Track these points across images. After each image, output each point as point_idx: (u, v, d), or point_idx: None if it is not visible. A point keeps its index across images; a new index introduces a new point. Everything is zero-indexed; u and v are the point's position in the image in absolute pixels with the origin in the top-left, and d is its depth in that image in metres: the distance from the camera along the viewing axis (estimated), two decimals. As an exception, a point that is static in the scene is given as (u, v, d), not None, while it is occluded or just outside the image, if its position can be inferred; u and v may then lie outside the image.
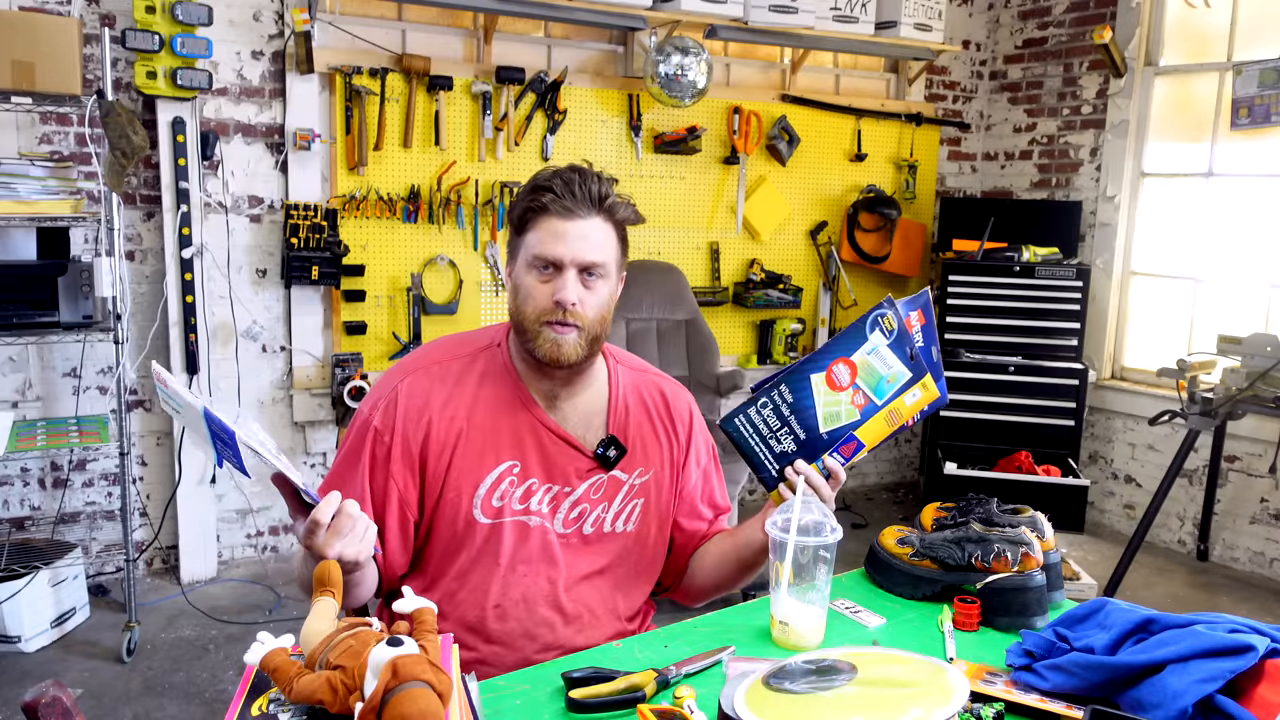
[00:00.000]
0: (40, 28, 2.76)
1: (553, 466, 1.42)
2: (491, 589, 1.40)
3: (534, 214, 1.36)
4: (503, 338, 1.47)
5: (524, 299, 1.37)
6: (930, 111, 4.79)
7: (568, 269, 1.35)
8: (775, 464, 1.39)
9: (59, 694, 0.87)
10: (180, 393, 1.15)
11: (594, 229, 1.36)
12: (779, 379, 1.38)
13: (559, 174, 1.37)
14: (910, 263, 4.76)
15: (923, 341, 1.38)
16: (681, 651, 1.26)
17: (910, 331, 1.36)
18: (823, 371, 1.36)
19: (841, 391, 1.36)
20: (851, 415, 1.37)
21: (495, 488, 1.40)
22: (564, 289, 1.34)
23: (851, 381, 1.36)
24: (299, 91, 3.49)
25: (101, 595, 3.32)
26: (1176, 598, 3.73)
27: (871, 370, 1.35)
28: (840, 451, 1.37)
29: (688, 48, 3.76)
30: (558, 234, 1.35)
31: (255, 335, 3.57)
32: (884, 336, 1.34)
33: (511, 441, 1.41)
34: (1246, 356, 3.33)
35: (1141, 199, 4.45)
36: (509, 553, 1.41)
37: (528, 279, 1.37)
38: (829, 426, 1.37)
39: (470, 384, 1.42)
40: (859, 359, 1.35)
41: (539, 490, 1.42)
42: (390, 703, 0.83)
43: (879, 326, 1.34)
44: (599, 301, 1.38)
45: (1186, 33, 4.28)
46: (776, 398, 1.38)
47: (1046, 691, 1.13)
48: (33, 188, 2.80)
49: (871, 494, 4.95)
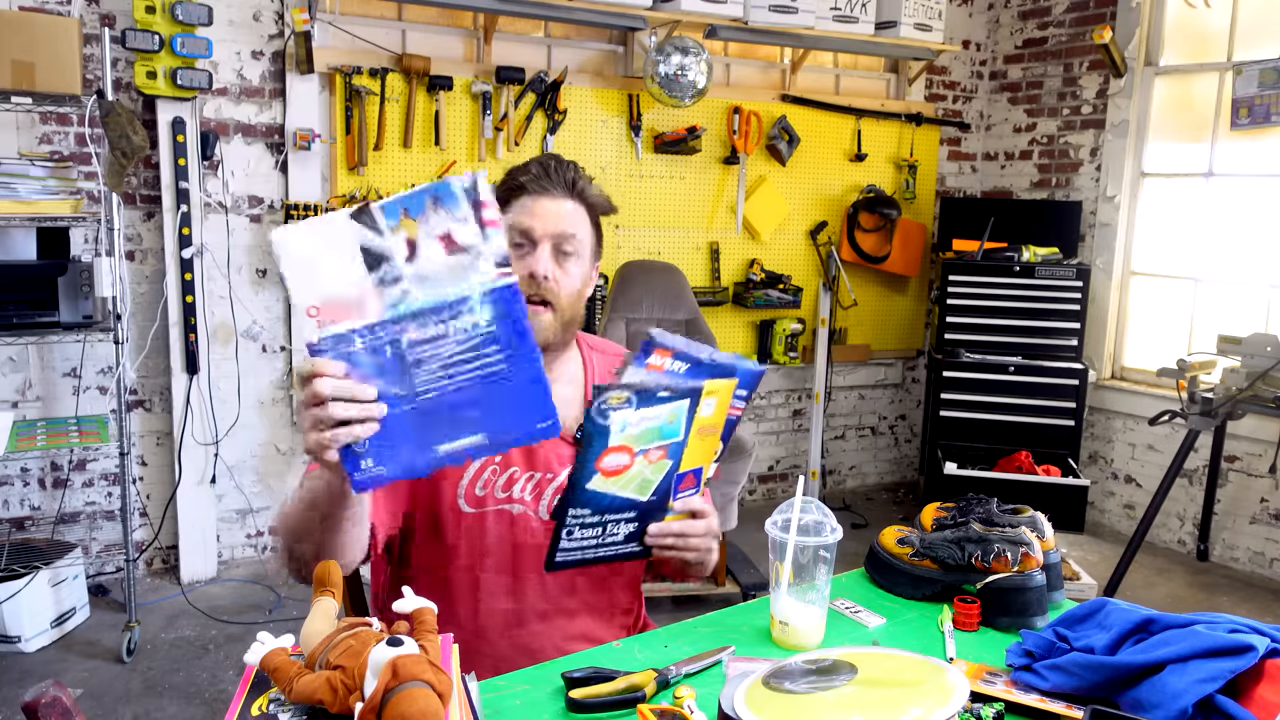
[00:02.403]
0: (40, 28, 2.76)
1: (534, 454, 1.44)
2: (480, 577, 1.42)
3: (511, 194, 1.42)
4: None
5: None
6: (930, 111, 4.79)
7: (541, 243, 1.39)
8: (634, 544, 1.25)
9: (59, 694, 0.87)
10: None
11: (567, 208, 1.41)
12: (565, 504, 1.17)
13: (534, 160, 1.43)
14: (910, 263, 4.76)
15: (684, 365, 1.19)
16: (681, 651, 1.26)
17: (657, 372, 1.16)
18: (594, 475, 1.15)
19: (630, 468, 1.16)
20: (661, 469, 1.18)
21: (478, 477, 1.41)
22: (537, 262, 1.37)
23: (633, 457, 1.15)
24: (299, 91, 3.49)
25: (101, 595, 3.32)
26: (1176, 598, 3.73)
27: (644, 433, 1.14)
28: (681, 490, 1.23)
29: (688, 48, 3.76)
30: (531, 210, 1.40)
31: (255, 335, 3.57)
32: (629, 408, 1.12)
33: None
34: (1246, 356, 3.33)
35: (1141, 199, 4.45)
36: (493, 541, 1.42)
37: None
38: (647, 494, 1.19)
39: None
40: (620, 442, 1.13)
41: (521, 478, 1.43)
42: (390, 703, 0.83)
43: (611, 411, 1.11)
44: (572, 282, 1.41)
45: (1186, 33, 4.28)
46: (577, 518, 1.18)
47: (1046, 691, 1.13)
48: (33, 188, 2.80)
49: (871, 494, 4.95)
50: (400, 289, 0.97)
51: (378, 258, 0.96)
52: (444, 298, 0.98)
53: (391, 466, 1.01)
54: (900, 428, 5.10)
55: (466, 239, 0.98)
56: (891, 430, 5.08)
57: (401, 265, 0.96)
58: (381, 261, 0.96)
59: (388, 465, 1.01)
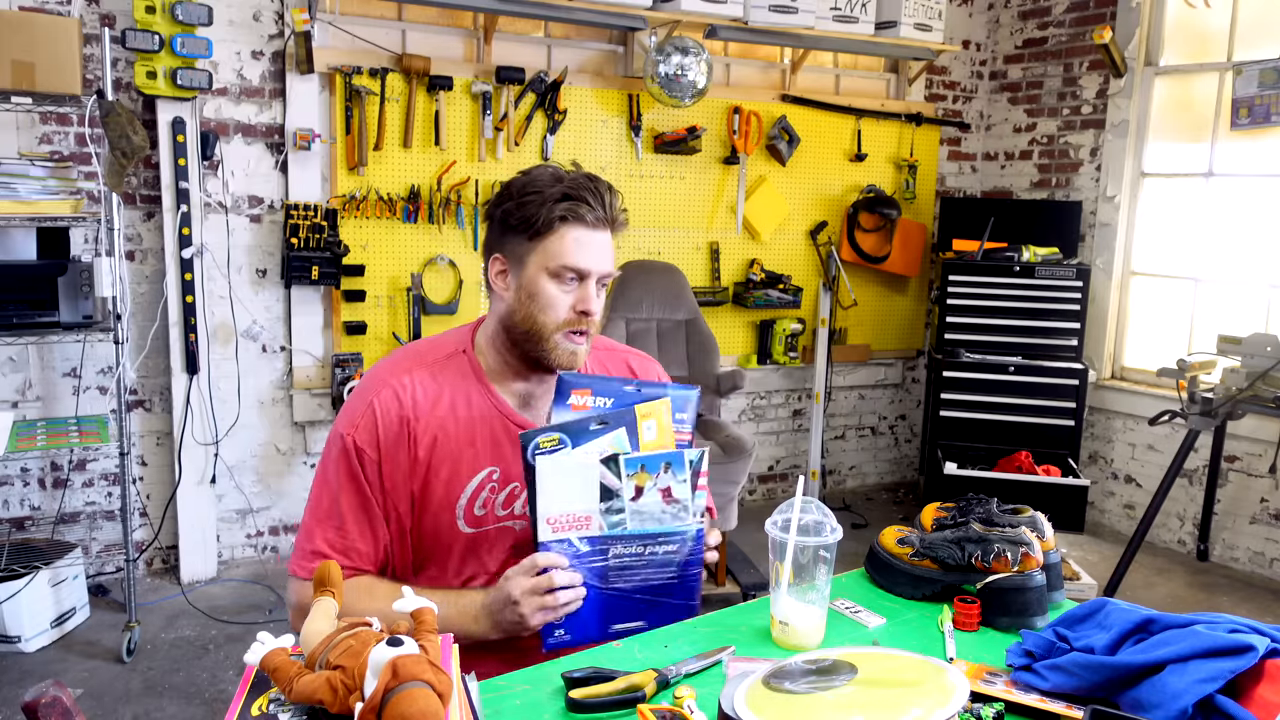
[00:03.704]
0: (40, 28, 2.76)
1: None
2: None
3: (563, 221, 1.34)
4: (468, 343, 1.46)
5: (544, 307, 1.36)
6: (930, 111, 4.79)
7: (590, 279, 1.36)
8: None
9: (59, 694, 0.87)
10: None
11: (609, 241, 1.39)
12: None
13: (582, 183, 1.35)
14: (910, 263, 4.76)
15: (607, 400, 1.32)
16: (681, 651, 1.26)
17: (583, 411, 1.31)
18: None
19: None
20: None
21: (476, 496, 1.40)
22: (590, 300, 1.36)
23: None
24: (299, 91, 3.49)
25: (101, 595, 3.32)
26: (1176, 598, 3.73)
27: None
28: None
29: (688, 48, 3.76)
30: (584, 244, 1.35)
31: (255, 335, 3.57)
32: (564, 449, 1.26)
33: (488, 448, 1.41)
34: (1246, 356, 3.33)
35: (1141, 199, 4.45)
36: (496, 560, 1.42)
37: (550, 286, 1.36)
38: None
39: (441, 395, 1.40)
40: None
41: (522, 494, 1.42)
42: (390, 703, 0.83)
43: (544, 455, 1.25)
44: (600, 308, 1.42)
45: (1186, 33, 4.28)
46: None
47: (1046, 691, 1.13)
48: (33, 188, 2.80)
49: (871, 494, 4.95)
50: (620, 518, 1.28)
51: (611, 493, 1.26)
52: (650, 529, 1.29)
53: (575, 635, 1.30)
54: (900, 428, 5.10)
55: (681, 495, 1.30)
56: (891, 430, 5.08)
57: (626, 502, 1.27)
58: (613, 496, 1.27)
59: (573, 634, 1.29)
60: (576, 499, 1.25)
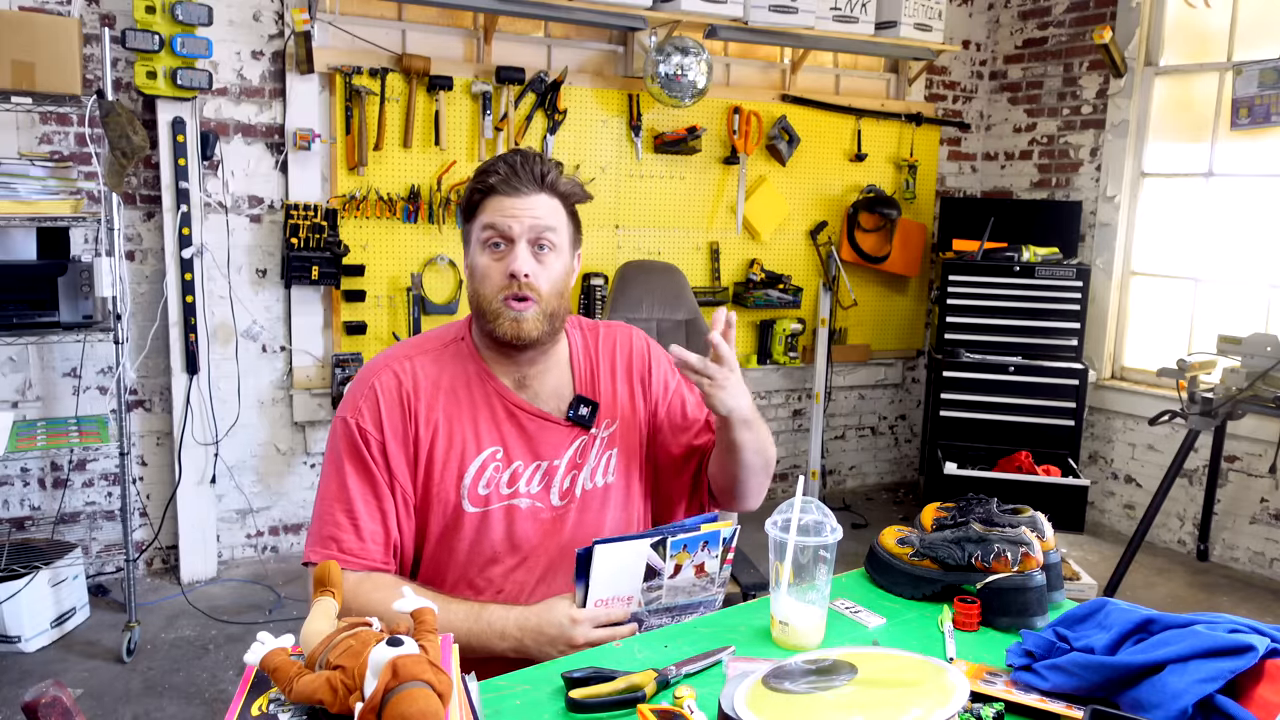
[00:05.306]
0: (40, 28, 2.76)
1: (537, 445, 1.45)
2: (492, 574, 1.43)
3: (481, 195, 1.41)
4: (466, 331, 1.50)
5: (480, 279, 1.40)
6: (930, 111, 4.79)
7: (518, 241, 1.38)
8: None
9: (59, 694, 0.87)
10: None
11: (541, 203, 1.41)
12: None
13: (501, 158, 1.41)
14: (910, 263, 4.76)
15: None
16: (681, 651, 1.26)
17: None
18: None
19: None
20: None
21: (480, 475, 1.42)
22: (516, 259, 1.37)
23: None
24: (299, 91, 3.49)
25: (101, 595, 3.32)
26: (1176, 598, 3.73)
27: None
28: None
29: (688, 48, 3.76)
30: (505, 209, 1.39)
31: (255, 335, 3.57)
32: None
33: (490, 429, 1.44)
34: (1246, 356, 3.33)
35: (1141, 199, 4.45)
36: (502, 538, 1.43)
37: (481, 259, 1.40)
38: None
39: (440, 379, 1.44)
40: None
41: (526, 471, 1.44)
42: (390, 703, 0.83)
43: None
44: (552, 276, 1.41)
45: (1186, 33, 4.28)
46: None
47: (1046, 691, 1.13)
48: (33, 188, 2.80)
49: (871, 494, 4.95)
50: (657, 594, 1.35)
51: (653, 573, 1.33)
52: (680, 601, 1.37)
53: None
54: (900, 428, 5.10)
55: (711, 569, 1.36)
56: (891, 430, 5.08)
57: (665, 580, 1.34)
58: (654, 575, 1.33)
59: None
60: (624, 583, 1.31)
